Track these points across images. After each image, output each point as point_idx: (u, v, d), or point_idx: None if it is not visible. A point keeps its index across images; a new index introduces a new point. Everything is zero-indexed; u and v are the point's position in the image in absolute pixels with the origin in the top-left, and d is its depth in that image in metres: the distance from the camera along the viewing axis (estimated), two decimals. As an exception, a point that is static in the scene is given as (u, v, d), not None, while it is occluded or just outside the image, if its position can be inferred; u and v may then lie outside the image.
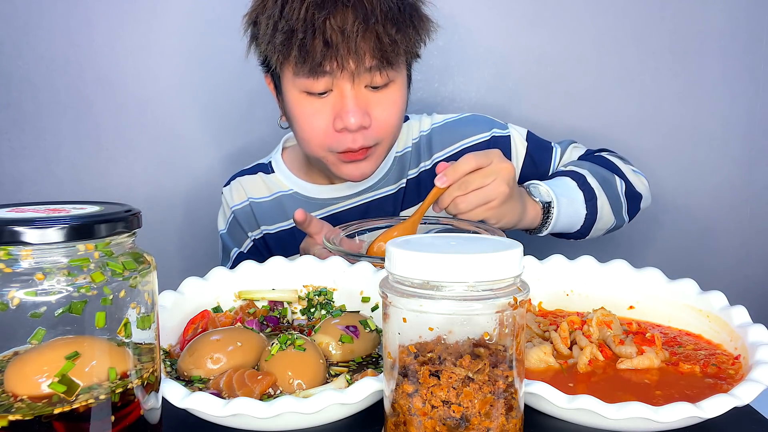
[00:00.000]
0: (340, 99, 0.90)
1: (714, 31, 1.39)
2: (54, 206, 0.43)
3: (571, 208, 0.94)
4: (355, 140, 0.92)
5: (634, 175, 1.08)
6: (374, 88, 0.92)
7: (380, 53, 0.87)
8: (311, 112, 0.92)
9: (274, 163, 1.17)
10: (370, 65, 0.88)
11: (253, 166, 1.19)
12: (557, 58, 1.39)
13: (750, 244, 1.49)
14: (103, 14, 1.33)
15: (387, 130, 0.95)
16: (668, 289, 0.68)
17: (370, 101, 0.92)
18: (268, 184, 1.15)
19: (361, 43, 0.85)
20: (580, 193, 0.96)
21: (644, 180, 1.10)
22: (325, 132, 0.93)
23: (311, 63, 0.86)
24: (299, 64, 0.87)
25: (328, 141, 0.93)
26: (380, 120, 0.93)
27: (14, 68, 1.33)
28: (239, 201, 1.15)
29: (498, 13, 1.38)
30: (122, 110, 1.37)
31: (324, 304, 0.71)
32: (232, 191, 1.17)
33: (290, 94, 0.93)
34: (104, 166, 1.39)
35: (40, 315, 0.38)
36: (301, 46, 0.85)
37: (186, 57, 1.36)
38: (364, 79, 0.89)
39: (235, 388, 0.53)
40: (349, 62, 0.86)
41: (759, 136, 1.45)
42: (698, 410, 0.47)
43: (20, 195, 1.38)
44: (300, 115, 0.94)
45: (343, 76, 0.88)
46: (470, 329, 0.43)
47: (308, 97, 0.91)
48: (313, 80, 0.88)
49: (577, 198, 0.95)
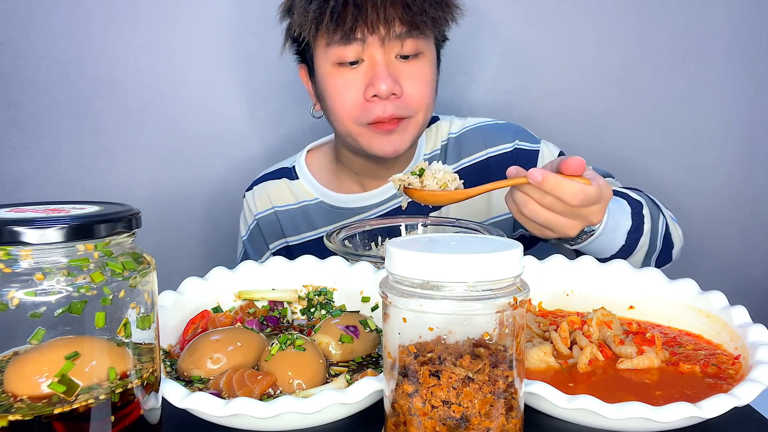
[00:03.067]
0: (371, 68, 0.93)
1: (714, 31, 1.39)
2: (54, 206, 0.43)
3: (611, 234, 0.80)
4: (385, 108, 0.93)
5: (672, 222, 0.96)
6: (404, 58, 0.94)
7: (409, 19, 0.90)
8: (343, 84, 0.94)
9: (298, 169, 1.15)
10: (399, 31, 0.91)
11: (276, 170, 1.18)
12: (557, 58, 1.39)
13: (750, 245, 1.49)
14: (103, 14, 1.33)
15: (418, 102, 0.96)
16: (668, 289, 0.68)
17: (400, 71, 0.94)
18: (293, 192, 1.14)
19: (391, 9, 0.89)
20: (629, 221, 0.83)
21: (680, 231, 0.97)
22: (356, 102, 0.94)
23: (343, 28, 0.89)
24: (331, 32, 0.90)
25: (358, 112, 0.95)
26: (411, 91, 0.95)
27: (14, 68, 1.33)
28: (263, 209, 1.15)
29: (497, 13, 1.38)
30: (122, 110, 1.37)
31: (324, 304, 0.71)
32: (255, 197, 1.16)
33: (323, 69, 0.96)
34: (104, 166, 1.39)
35: (39, 315, 0.38)
36: (332, 13, 0.89)
37: (186, 57, 1.36)
38: (394, 47, 0.92)
39: (235, 388, 0.53)
40: (379, 27, 0.90)
41: (759, 136, 1.45)
42: (698, 410, 0.47)
43: (20, 195, 1.37)
44: (332, 87, 0.96)
45: (373, 42, 0.91)
46: (470, 329, 0.43)
47: (340, 69, 0.94)
48: (345, 47, 0.91)
49: (622, 225, 0.82)
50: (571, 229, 0.75)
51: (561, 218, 0.74)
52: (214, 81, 1.38)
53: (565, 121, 1.41)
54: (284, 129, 1.40)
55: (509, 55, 1.39)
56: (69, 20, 1.33)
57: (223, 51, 1.36)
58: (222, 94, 1.39)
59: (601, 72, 1.40)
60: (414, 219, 0.90)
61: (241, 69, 1.37)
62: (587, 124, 1.42)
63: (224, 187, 1.40)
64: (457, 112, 1.22)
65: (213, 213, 1.42)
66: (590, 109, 1.42)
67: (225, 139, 1.41)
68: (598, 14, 1.38)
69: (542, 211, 0.73)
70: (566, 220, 0.74)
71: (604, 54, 1.40)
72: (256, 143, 1.41)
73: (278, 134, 1.41)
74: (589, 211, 0.73)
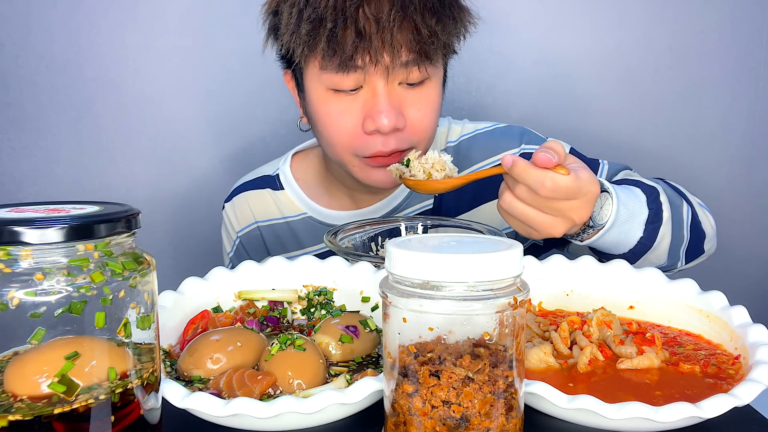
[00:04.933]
0: (371, 97, 0.81)
1: (714, 31, 1.39)
2: (54, 206, 0.43)
3: (625, 227, 0.73)
4: (386, 143, 0.82)
5: (701, 208, 0.86)
6: (409, 85, 0.82)
7: (418, 46, 0.78)
8: (338, 111, 0.83)
9: (282, 178, 1.03)
10: (406, 59, 0.79)
11: (257, 178, 1.05)
12: (557, 58, 1.39)
13: (750, 244, 1.49)
14: (103, 14, 1.33)
15: (422, 132, 0.85)
16: (668, 289, 0.68)
17: (404, 100, 0.82)
18: (278, 204, 1.02)
19: (398, 34, 0.76)
20: (645, 211, 0.74)
21: (712, 220, 0.87)
22: (353, 133, 0.83)
23: (341, 56, 0.77)
24: (327, 58, 0.78)
25: (355, 144, 0.84)
26: (415, 121, 0.83)
27: (14, 68, 1.33)
28: (246, 224, 1.04)
29: (497, 12, 1.38)
30: (122, 110, 1.37)
31: (324, 304, 0.71)
32: (236, 210, 1.05)
33: (314, 92, 0.84)
34: (104, 166, 1.39)
35: (39, 315, 0.38)
36: (330, 37, 0.76)
37: (186, 57, 1.36)
38: (399, 75, 0.80)
39: (235, 388, 0.53)
40: (383, 56, 0.77)
41: (759, 136, 1.45)
42: (698, 410, 0.47)
43: (20, 195, 1.38)
44: (325, 114, 0.84)
45: (376, 71, 0.79)
46: (470, 329, 0.43)
47: (335, 94, 0.82)
48: (343, 75, 0.79)
49: (638, 216, 0.74)
50: (552, 227, 0.68)
51: (539, 214, 0.68)
52: (214, 81, 1.38)
53: (564, 122, 1.41)
54: (284, 129, 1.40)
55: (509, 55, 1.39)
56: (69, 20, 1.33)
57: (223, 51, 1.36)
58: (222, 93, 1.39)
59: (601, 72, 1.40)
60: (414, 219, 0.90)
61: (241, 69, 1.37)
62: (587, 124, 1.42)
63: (224, 186, 1.40)
64: (456, 113, 1.21)
65: (213, 213, 1.42)
66: (590, 109, 1.42)
67: (225, 138, 1.41)
68: (598, 14, 1.38)
69: (518, 204, 0.68)
70: (545, 217, 0.68)
71: (604, 54, 1.39)
72: (256, 143, 1.41)
73: (278, 134, 1.41)
74: (568, 207, 0.66)
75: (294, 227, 1.01)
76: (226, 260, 1.11)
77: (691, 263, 0.85)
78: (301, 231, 1.01)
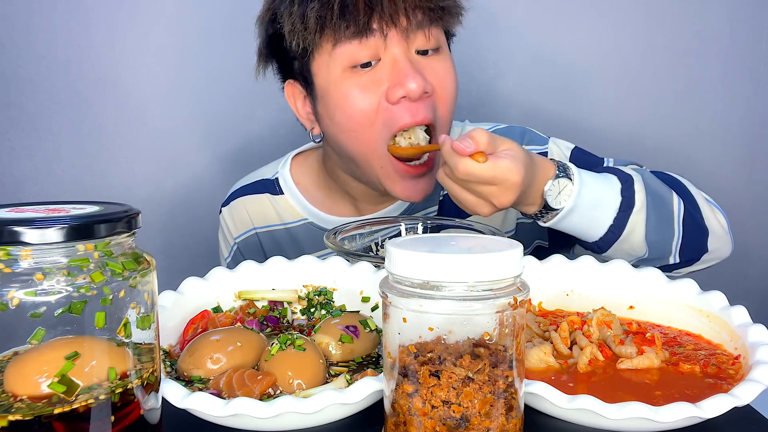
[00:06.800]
0: (392, 67, 0.79)
1: (714, 31, 1.39)
2: (54, 206, 0.43)
3: (590, 213, 0.73)
4: (416, 113, 0.79)
5: (708, 204, 0.84)
6: (424, 53, 0.81)
7: (430, 6, 0.78)
8: (358, 90, 0.80)
9: (282, 182, 1.00)
10: (422, 19, 0.79)
11: (256, 182, 1.03)
12: (557, 57, 1.39)
13: (750, 244, 1.49)
14: (103, 14, 1.33)
15: (449, 100, 0.83)
16: (668, 289, 0.68)
17: (424, 68, 0.81)
18: (277, 210, 1.00)
19: None
20: (617, 198, 0.74)
21: (721, 217, 0.84)
22: (377, 107, 0.80)
23: (355, 21, 0.76)
24: (341, 27, 0.76)
25: (382, 119, 0.80)
26: (439, 88, 0.82)
27: (14, 68, 1.33)
28: (243, 230, 1.01)
29: (496, 12, 1.38)
30: (122, 110, 1.37)
31: (324, 304, 0.71)
32: (234, 216, 1.02)
33: (330, 77, 0.81)
34: (104, 166, 1.39)
35: (39, 315, 0.38)
36: (342, 6, 0.76)
37: (186, 57, 1.36)
38: (418, 39, 0.80)
39: (235, 388, 0.53)
40: (399, 17, 0.77)
41: (759, 136, 1.45)
42: (698, 410, 0.47)
43: (20, 195, 1.37)
44: (344, 97, 0.80)
45: (393, 36, 0.78)
46: (470, 329, 0.43)
47: (353, 73, 0.80)
48: (359, 43, 0.78)
49: (607, 203, 0.74)
50: (476, 206, 0.71)
51: (462, 191, 0.71)
52: (214, 81, 1.38)
53: (564, 122, 1.41)
54: (284, 129, 1.40)
55: (508, 54, 1.39)
56: (69, 20, 1.32)
57: (223, 50, 1.36)
58: (222, 93, 1.39)
59: (601, 71, 1.40)
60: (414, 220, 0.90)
61: (241, 69, 1.37)
62: (587, 124, 1.42)
63: (224, 186, 1.40)
64: (456, 113, 1.20)
65: (213, 213, 1.42)
66: (590, 109, 1.42)
67: (225, 139, 1.41)
68: (598, 14, 1.38)
69: (446, 179, 0.71)
70: (468, 195, 0.70)
71: (603, 54, 1.39)
72: (255, 143, 1.41)
73: (278, 134, 1.41)
74: (487, 191, 0.68)
75: (294, 233, 0.99)
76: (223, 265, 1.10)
77: (698, 264, 0.84)
78: (302, 237, 0.99)
